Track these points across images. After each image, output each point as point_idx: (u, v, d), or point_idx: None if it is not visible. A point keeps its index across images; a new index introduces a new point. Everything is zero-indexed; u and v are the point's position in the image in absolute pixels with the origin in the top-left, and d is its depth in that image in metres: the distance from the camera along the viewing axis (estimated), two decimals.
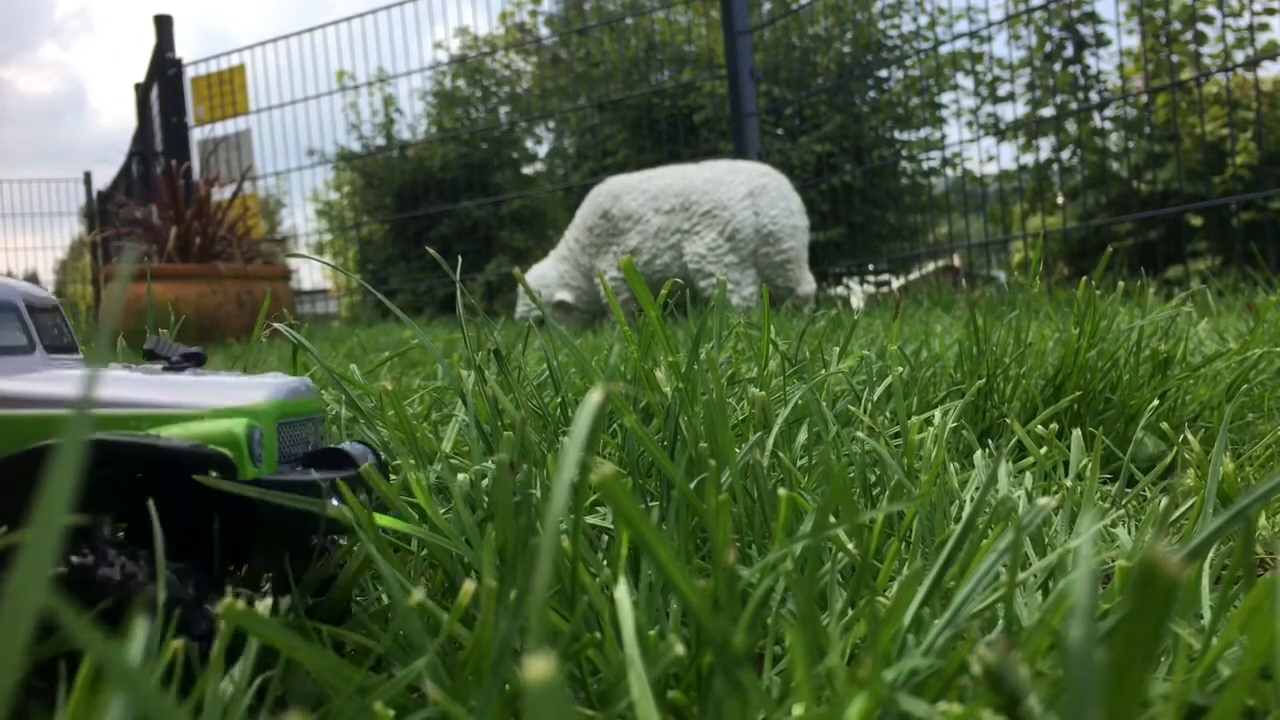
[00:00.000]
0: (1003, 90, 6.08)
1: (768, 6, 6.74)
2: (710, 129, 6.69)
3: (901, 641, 0.45)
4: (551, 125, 7.95)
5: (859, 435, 0.78)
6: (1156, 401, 1.03)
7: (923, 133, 6.88)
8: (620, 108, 6.89)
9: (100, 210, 9.54)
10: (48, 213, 12.55)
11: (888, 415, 1.02)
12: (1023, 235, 5.24)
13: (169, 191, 5.03)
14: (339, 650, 0.55)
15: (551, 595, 0.49)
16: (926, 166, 6.79)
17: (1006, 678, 0.32)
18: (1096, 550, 0.66)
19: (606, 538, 0.67)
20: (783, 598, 0.51)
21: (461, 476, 0.60)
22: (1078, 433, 0.81)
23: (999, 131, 5.80)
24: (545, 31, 8.36)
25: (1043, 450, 0.83)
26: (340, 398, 0.90)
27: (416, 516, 0.58)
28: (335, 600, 0.57)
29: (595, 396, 0.36)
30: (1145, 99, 5.55)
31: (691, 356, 0.77)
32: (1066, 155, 6.15)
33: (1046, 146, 6.05)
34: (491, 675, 0.38)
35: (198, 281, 4.58)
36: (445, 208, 7.10)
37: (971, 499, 0.73)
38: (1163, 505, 0.62)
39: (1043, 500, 0.48)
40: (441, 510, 0.57)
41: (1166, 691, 0.39)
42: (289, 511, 0.51)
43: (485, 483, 0.65)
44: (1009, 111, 7.23)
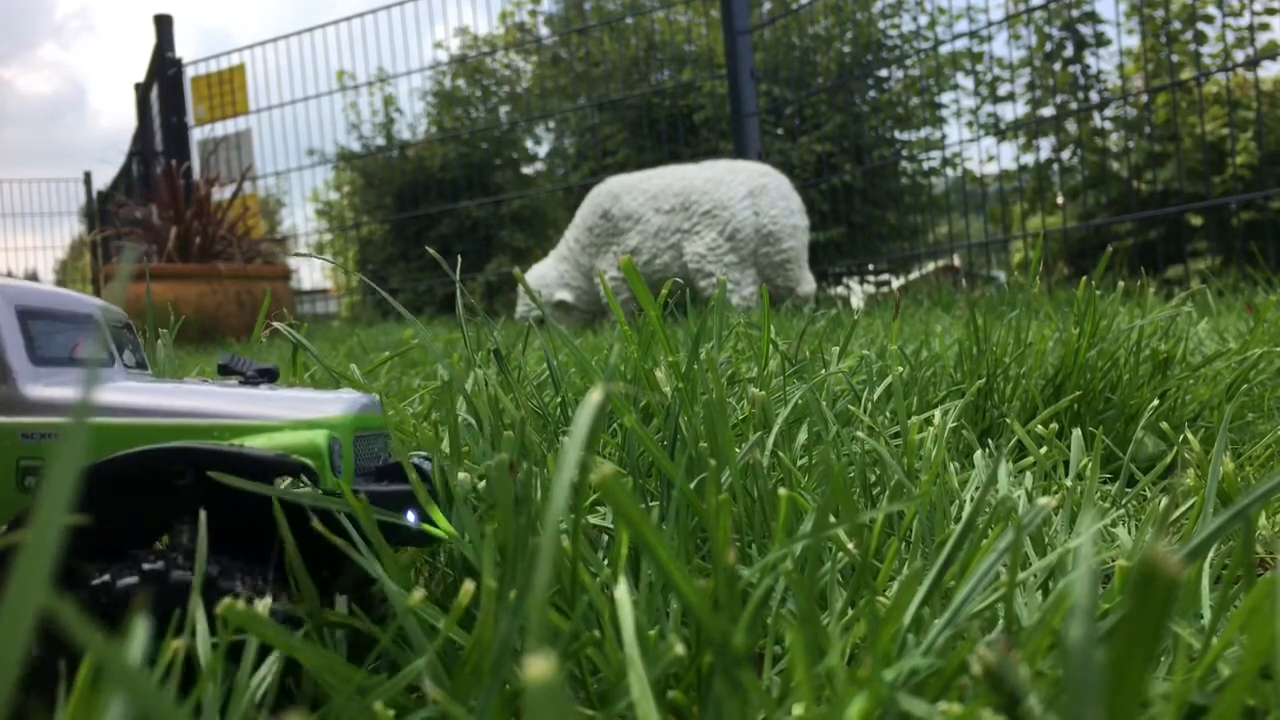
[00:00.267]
0: (1003, 90, 6.08)
1: (768, 6, 6.73)
2: (710, 129, 6.69)
3: (901, 641, 0.45)
4: (551, 125, 7.95)
5: (859, 435, 0.78)
6: (1156, 401, 1.03)
7: (923, 133, 6.88)
8: (620, 108, 6.89)
9: (100, 210, 9.55)
10: (48, 213, 12.55)
11: (888, 415, 1.02)
12: (1023, 235, 5.24)
13: (169, 191, 5.03)
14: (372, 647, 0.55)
15: (551, 595, 0.49)
16: (926, 166, 6.79)
17: (1006, 678, 0.32)
18: (1096, 550, 0.66)
19: (607, 537, 0.67)
20: (783, 597, 0.51)
21: (462, 476, 0.60)
22: (1078, 432, 0.81)
23: (999, 131, 5.80)
24: (545, 31, 8.36)
25: (1043, 450, 0.83)
26: None
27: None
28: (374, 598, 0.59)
29: (595, 396, 0.36)
30: (1145, 99, 5.55)
31: (691, 356, 0.77)
32: (1066, 155, 6.15)
33: (1046, 146, 6.05)
34: (491, 675, 0.38)
35: (198, 281, 4.58)
36: (445, 208, 7.10)
37: (971, 499, 0.73)
38: (1163, 505, 0.62)
39: (1043, 500, 0.48)
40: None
41: (1166, 691, 0.39)
42: (379, 522, 0.52)
43: (483, 484, 0.65)
44: (1009, 111, 7.24)
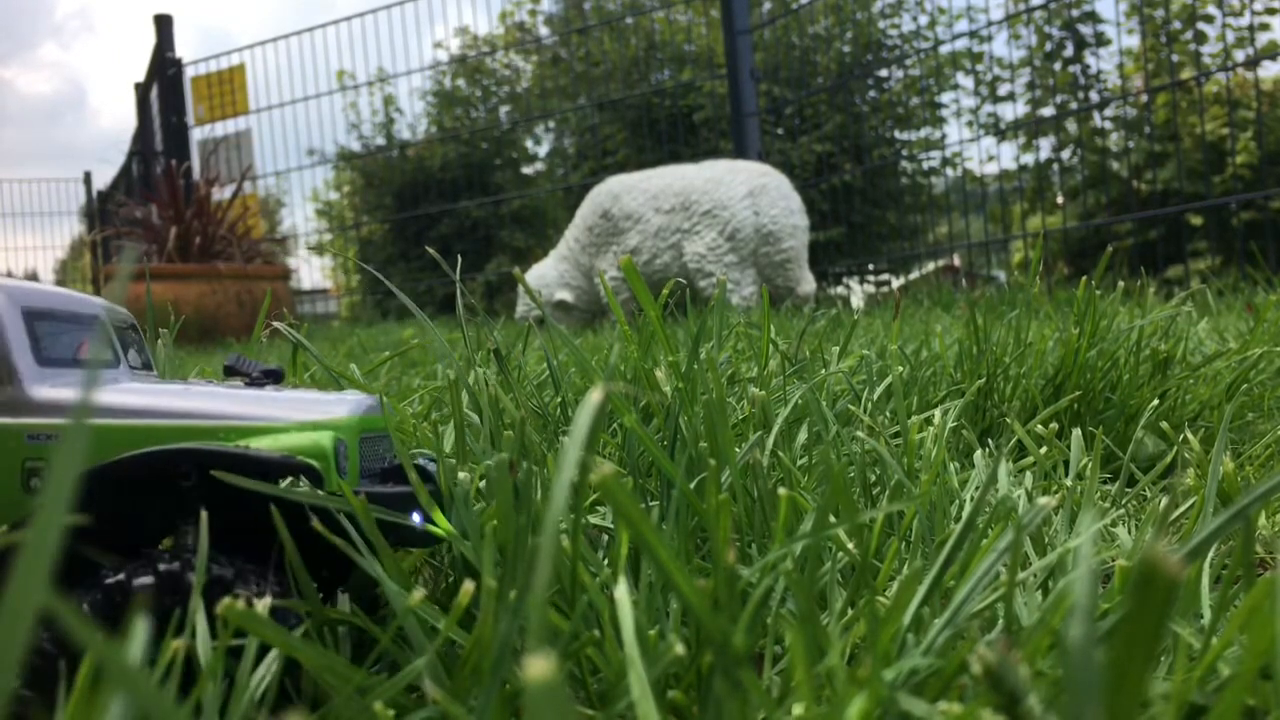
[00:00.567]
0: (1003, 90, 6.08)
1: (768, 6, 6.73)
2: (710, 129, 6.69)
3: (901, 641, 0.45)
4: (551, 125, 7.95)
5: (859, 435, 0.78)
6: (1156, 401, 1.03)
7: (923, 132, 6.88)
8: (620, 107, 6.88)
9: (100, 210, 9.55)
10: (48, 212, 12.53)
11: (888, 415, 1.02)
12: (1023, 235, 5.24)
13: (169, 191, 5.03)
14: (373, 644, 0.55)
15: (551, 595, 0.49)
16: (926, 166, 6.79)
17: (1006, 677, 0.32)
18: (1096, 550, 0.66)
19: (607, 537, 0.67)
20: (783, 597, 0.51)
21: (463, 475, 0.60)
22: (1078, 432, 0.81)
23: (999, 131, 5.80)
24: (545, 31, 8.35)
25: (1043, 450, 0.83)
26: None
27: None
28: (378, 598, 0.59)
29: (595, 396, 0.36)
30: (1145, 98, 5.55)
31: (691, 356, 0.77)
32: (1066, 155, 6.15)
33: (1046, 146, 6.05)
34: (491, 675, 0.38)
35: (198, 281, 4.58)
36: (445, 207, 7.10)
37: (971, 498, 0.73)
38: (1163, 505, 0.62)
39: (1043, 500, 0.48)
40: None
41: (1166, 691, 0.39)
42: (382, 523, 0.52)
43: (483, 484, 0.65)
44: (1009, 111, 7.23)
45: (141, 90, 7.61)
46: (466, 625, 0.50)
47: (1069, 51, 6.05)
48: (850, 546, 0.54)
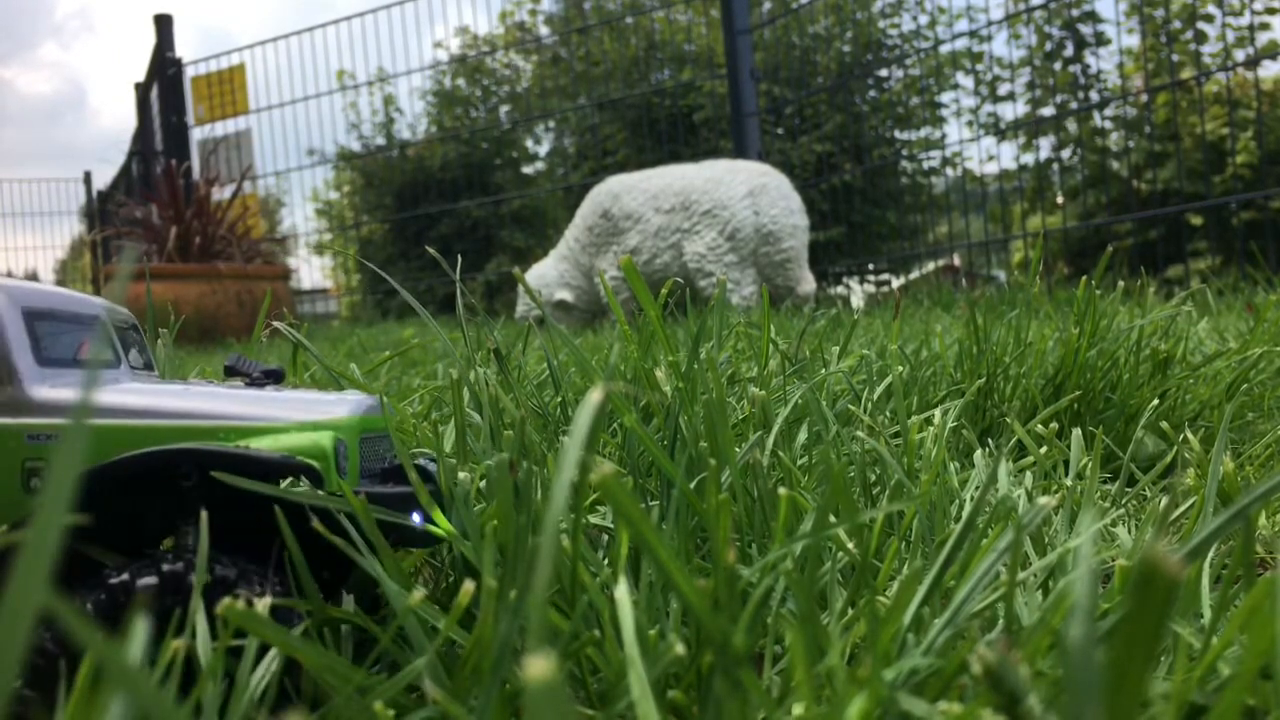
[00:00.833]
0: (1003, 90, 6.08)
1: (768, 6, 6.73)
2: (710, 128, 6.69)
3: (901, 641, 0.45)
4: (551, 125, 7.95)
5: (859, 435, 0.78)
6: (1156, 401, 1.03)
7: (923, 132, 6.88)
8: (620, 107, 6.88)
9: (100, 210, 9.54)
10: (48, 212, 12.53)
11: (888, 415, 1.02)
12: (1023, 235, 5.24)
13: (169, 191, 5.03)
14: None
15: (551, 595, 0.49)
16: (926, 166, 6.79)
17: (1006, 677, 0.32)
18: (1096, 550, 0.66)
19: (607, 537, 0.67)
20: (783, 597, 0.51)
21: (463, 475, 0.60)
22: (1078, 432, 0.81)
23: (999, 131, 5.80)
24: (545, 31, 8.35)
25: (1043, 450, 0.83)
26: None
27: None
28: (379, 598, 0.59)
29: (595, 396, 0.36)
30: (1145, 98, 5.55)
31: (691, 356, 0.77)
32: (1066, 155, 6.15)
33: (1046, 146, 6.05)
34: (491, 675, 0.38)
35: (198, 281, 4.58)
36: (445, 207, 7.10)
37: (971, 498, 0.73)
38: (1163, 505, 0.62)
39: (1043, 500, 0.48)
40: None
41: (1166, 691, 0.39)
42: (382, 523, 0.52)
43: (484, 483, 0.65)
44: (1009, 111, 7.23)
45: (141, 90, 7.61)
46: (467, 625, 0.50)
47: (1069, 51, 6.05)
48: (850, 546, 0.54)
